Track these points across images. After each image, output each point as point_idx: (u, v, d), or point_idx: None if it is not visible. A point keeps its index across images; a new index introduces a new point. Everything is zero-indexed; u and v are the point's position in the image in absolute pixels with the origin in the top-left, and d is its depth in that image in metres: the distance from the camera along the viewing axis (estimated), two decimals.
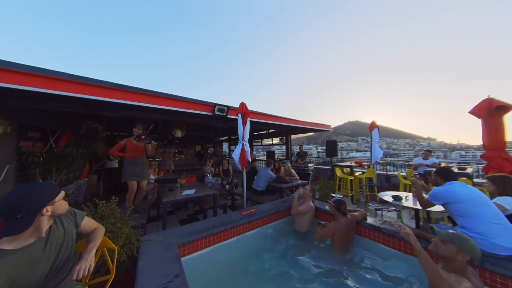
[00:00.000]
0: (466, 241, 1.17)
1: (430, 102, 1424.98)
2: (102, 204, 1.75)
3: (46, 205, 0.96)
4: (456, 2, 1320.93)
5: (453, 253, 1.17)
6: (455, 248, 1.17)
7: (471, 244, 1.16)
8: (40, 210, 0.94)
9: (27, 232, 0.92)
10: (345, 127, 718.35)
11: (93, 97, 2.47)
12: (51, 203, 0.99)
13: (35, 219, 0.93)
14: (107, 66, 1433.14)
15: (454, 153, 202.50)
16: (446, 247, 1.21)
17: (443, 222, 3.20)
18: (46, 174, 3.50)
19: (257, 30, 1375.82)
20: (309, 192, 2.70)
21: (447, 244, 1.20)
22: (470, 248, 1.15)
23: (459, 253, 1.15)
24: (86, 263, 1.02)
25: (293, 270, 1.96)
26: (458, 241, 1.17)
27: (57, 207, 1.02)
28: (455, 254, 1.17)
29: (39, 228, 0.95)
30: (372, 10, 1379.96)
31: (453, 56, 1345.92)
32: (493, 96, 2.51)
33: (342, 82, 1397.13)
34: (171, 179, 4.55)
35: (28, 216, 0.91)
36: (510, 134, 2.54)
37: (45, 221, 0.97)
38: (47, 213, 0.96)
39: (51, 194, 1.00)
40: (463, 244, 1.16)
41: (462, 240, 1.17)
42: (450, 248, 1.19)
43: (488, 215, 1.51)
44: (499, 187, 1.83)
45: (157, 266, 1.47)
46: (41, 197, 0.96)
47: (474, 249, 1.15)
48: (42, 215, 0.95)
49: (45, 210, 0.95)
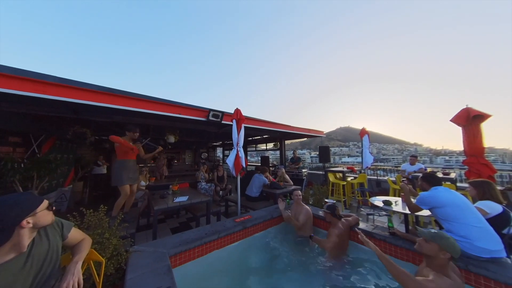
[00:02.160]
0: (447, 239, 1.25)
1: (417, 109, 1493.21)
2: (89, 213, 1.66)
3: (26, 217, 0.90)
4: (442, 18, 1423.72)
5: (435, 251, 1.25)
6: (437, 246, 1.24)
7: (451, 242, 1.24)
8: (18, 223, 0.87)
9: (5, 248, 0.86)
10: (337, 132, 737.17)
11: (81, 101, 2.38)
12: (32, 214, 0.92)
13: (13, 234, 0.86)
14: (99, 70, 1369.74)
15: (439, 158, 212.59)
16: (429, 246, 1.28)
17: (431, 226, 3.32)
18: (27, 182, 3.29)
19: (251, 39, 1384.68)
20: (296, 195, 2.76)
21: (430, 243, 1.28)
22: (450, 246, 1.23)
23: (441, 251, 1.23)
24: (74, 278, 0.96)
25: (288, 276, 1.94)
26: (440, 240, 1.25)
27: (40, 218, 0.95)
28: (437, 252, 1.24)
29: (19, 243, 0.88)
30: (363, 23, 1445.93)
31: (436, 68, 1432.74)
32: (470, 106, 2.71)
33: (334, 89, 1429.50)
34: (163, 185, 4.42)
35: (4, 231, 0.84)
36: (488, 141, 2.73)
37: (26, 234, 0.90)
38: (28, 225, 0.90)
39: (31, 204, 0.94)
40: (444, 242, 1.24)
41: (443, 239, 1.25)
42: (432, 247, 1.26)
43: (470, 218, 1.59)
44: (479, 191, 1.94)
45: (146, 279, 1.41)
46: (19, 209, 0.89)
47: (454, 247, 1.23)
48: (22, 228, 0.89)
49: (25, 222, 0.89)
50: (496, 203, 1.80)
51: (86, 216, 1.66)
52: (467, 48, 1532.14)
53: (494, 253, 1.48)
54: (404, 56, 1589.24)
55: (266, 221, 2.69)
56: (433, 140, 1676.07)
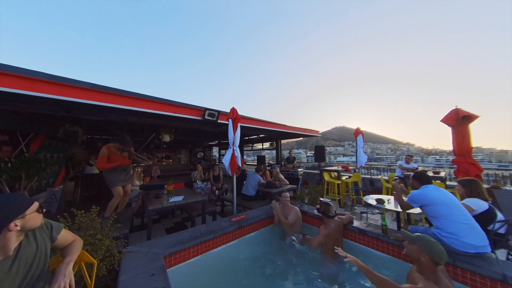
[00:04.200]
0: (426, 241, 1.21)
1: (409, 110, 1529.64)
2: (81, 215, 1.62)
3: (14, 220, 0.87)
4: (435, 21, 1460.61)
5: (416, 253, 1.22)
6: (417, 248, 1.22)
7: (429, 244, 1.19)
8: (6, 225, 0.85)
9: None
10: (332, 132, 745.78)
11: (72, 99, 2.32)
12: (21, 216, 0.90)
13: (0, 236, 0.84)
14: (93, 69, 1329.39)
15: (430, 158, 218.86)
16: (411, 247, 1.27)
17: (421, 223, 3.42)
18: (14, 182, 3.18)
19: (248, 39, 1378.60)
20: (284, 197, 2.78)
21: (411, 245, 1.27)
22: (428, 247, 1.18)
23: (421, 253, 1.19)
24: (65, 279, 0.93)
25: (284, 275, 1.96)
26: (419, 242, 1.23)
27: (29, 220, 0.93)
28: (418, 254, 1.21)
29: (5, 246, 0.86)
30: (358, 25, 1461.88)
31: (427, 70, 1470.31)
32: (460, 107, 2.80)
33: (330, 90, 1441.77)
34: (158, 185, 4.36)
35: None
36: (475, 141, 2.83)
37: (13, 237, 0.88)
38: (16, 228, 0.87)
39: (20, 206, 0.91)
40: (423, 244, 1.20)
41: (422, 241, 1.22)
42: (413, 249, 1.25)
43: (458, 216, 1.65)
44: (467, 190, 2.02)
45: (140, 280, 1.39)
46: (7, 211, 0.87)
47: (433, 249, 1.16)
48: (10, 231, 0.86)
49: (13, 224, 0.86)
50: (483, 201, 1.88)
51: (77, 217, 1.62)
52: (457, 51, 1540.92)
53: (480, 248, 1.55)
54: (397, 58, 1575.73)
55: (262, 220, 2.70)
56: (424, 140, 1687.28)
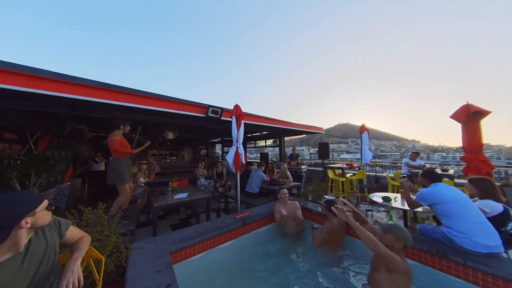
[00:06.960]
0: (401, 230, 1.40)
1: (415, 106, 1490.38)
2: (88, 211, 1.64)
3: (25, 217, 0.88)
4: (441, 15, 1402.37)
5: (392, 241, 1.39)
6: (393, 236, 1.39)
7: (404, 232, 1.39)
8: (17, 223, 0.86)
9: (2, 247, 0.84)
10: (336, 129, 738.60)
11: (78, 97, 2.34)
12: (31, 214, 0.91)
13: (11, 233, 0.85)
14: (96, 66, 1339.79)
15: (436, 155, 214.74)
16: (386, 236, 1.42)
17: (428, 221, 3.36)
18: (24, 179, 3.25)
19: (249, 34, 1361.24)
20: (283, 194, 2.76)
21: (387, 234, 1.42)
22: (403, 236, 1.37)
23: (396, 241, 1.38)
24: (74, 275, 0.95)
25: (288, 272, 1.96)
26: (395, 231, 1.40)
27: (39, 218, 0.94)
28: (393, 242, 1.38)
29: (16, 243, 0.87)
30: (363, 18, 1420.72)
31: (434, 65, 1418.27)
32: (471, 102, 2.69)
33: (334, 86, 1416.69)
34: (162, 182, 4.41)
35: (2, 230, 0.83)
36: (486, 138, 2.73)
37: (23, 234, 0.89)
38: (26, 225, 0.88)
39: (31, 204, 0.92)
40: (399, 233, 1.38)
41: (398, 230, 1.40)
42: (389, 237, 1.40)
43: (470, 214, 1.60)
44: (480, 190, 1.91)
45: (147, 276, 1.41)
46: (19, 209, 0.88)
47: (407, 237, 1.38)
48: (21, 228, 0.87)
49: (23, 222, 0.87)
50: (497, 203, 1.79)
51: (85, 214, 1.64)
52: (464, 45, 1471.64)
53: (493, 248, 1.50)
54: (402, 52, 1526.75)
55: (266, 217, 2.70)
56: (430, 137, 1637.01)
